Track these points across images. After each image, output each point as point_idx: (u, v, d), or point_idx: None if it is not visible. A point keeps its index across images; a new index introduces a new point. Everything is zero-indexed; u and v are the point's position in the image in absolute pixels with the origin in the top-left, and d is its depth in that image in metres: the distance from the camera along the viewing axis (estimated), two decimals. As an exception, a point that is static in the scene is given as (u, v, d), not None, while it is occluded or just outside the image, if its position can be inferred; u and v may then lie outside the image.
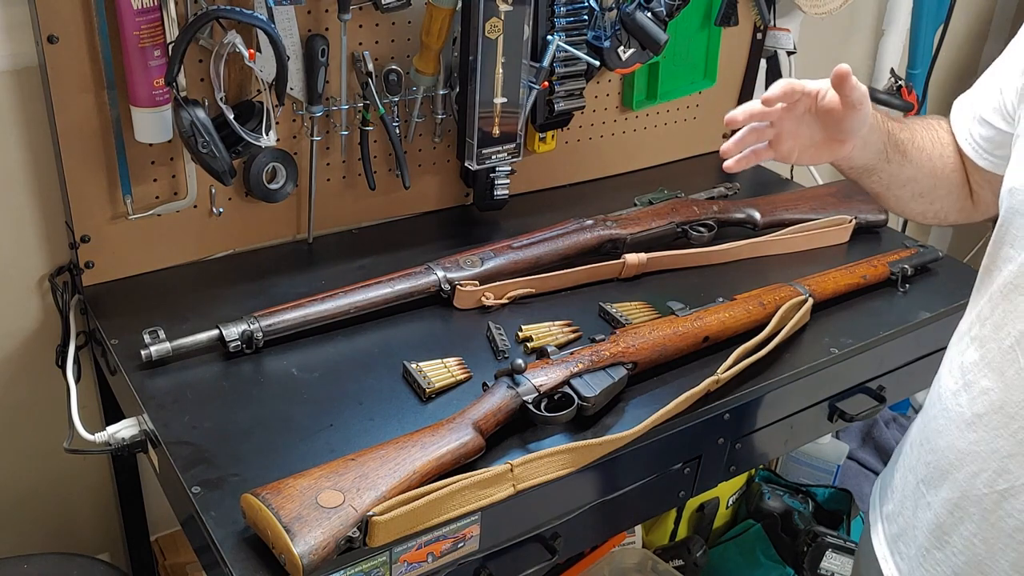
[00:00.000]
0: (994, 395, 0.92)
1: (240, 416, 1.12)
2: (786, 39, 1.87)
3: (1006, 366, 0.90)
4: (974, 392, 0.94)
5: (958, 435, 0.96)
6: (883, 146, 1.07)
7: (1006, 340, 0.90)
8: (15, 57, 1.24)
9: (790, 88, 1.02)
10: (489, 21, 1.37)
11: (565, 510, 1.12)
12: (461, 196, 1.63)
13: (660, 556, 1.81)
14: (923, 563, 1.01)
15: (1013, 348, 0.89)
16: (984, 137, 1.02)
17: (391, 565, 0.96)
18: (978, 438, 0.93)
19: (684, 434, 1.18)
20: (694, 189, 1.67)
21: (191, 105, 1.22)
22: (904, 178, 1.10)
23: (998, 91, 0.99)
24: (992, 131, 1.00)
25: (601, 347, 1.18)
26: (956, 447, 0.96)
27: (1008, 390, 0.90)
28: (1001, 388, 0.91)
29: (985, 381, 0.93)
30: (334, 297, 1.27)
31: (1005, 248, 0.92)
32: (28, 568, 1.35)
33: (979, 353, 0.94)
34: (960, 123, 1.06)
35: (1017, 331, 0.89)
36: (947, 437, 0.98)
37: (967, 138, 1.05)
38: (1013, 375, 0.90)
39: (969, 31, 2.41)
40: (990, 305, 0.94)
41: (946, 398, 0.99)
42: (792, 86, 1.02)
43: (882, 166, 1.08)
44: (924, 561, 1.01)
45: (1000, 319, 0.91)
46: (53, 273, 1.37)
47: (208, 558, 0.98)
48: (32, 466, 1.49)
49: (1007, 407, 0.90)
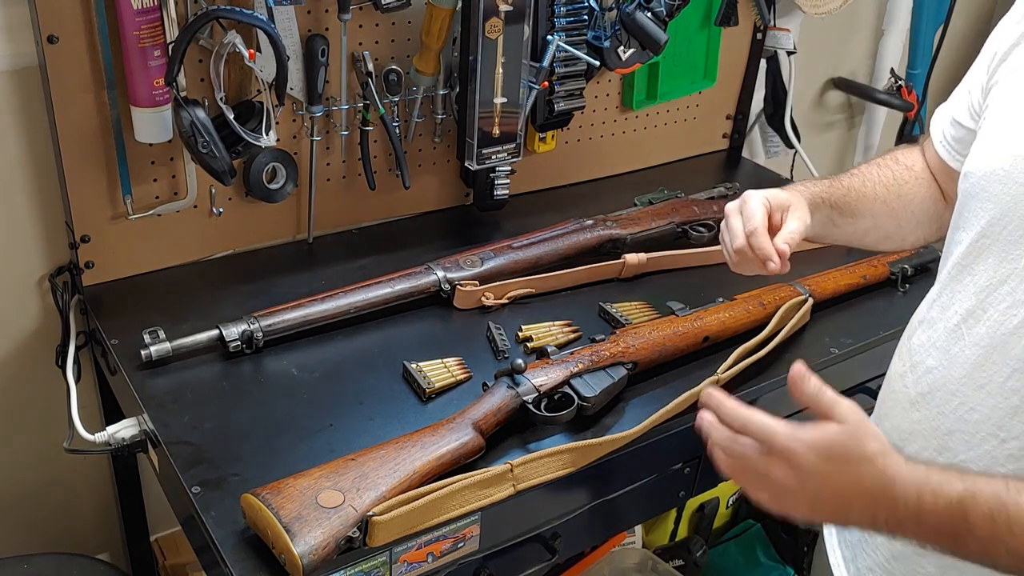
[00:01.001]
0: (937, 373, 0.92)
1: (240, 416, 1.12)
2: (786, 39, 1.87)
3: (951, 343, 0.91)
4: (919, 372, 0.95)
5: (903, 415, 0.97)
6: (823, 218, 1.09)
7: (952, 319, 0.91)
8: (15, 57, 1.24)
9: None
10: (489, 21, 1.37)
11: (565, 510, 1.12)
12: (461, 196, 1.63)
13: (660, 556, 1.81)
14: (865, 547, 1.02)
15: (959, 326, 0.90)
16: (955, 138, 1.04)
17: (391, 565, 0.96)
18: (921, 416, 0.94)
19: (684, 434, 1.18)
20: (694, 189, 1.67)
21: (191, 105, 1.22)
22: (861, 230, 1.11)
23: (967, 92, 1.02)
24: (963, 131, 1.02)
25: (601, 347, 1.18)
26: (901, 428, 0.96)
27: (951, 366, 0.91)
28: (944, 365, 0.92)
29: (930, 360, 0.94)
30: (334, 297, 1.27)
31: (959, 232, 0.94)
32: (28, 568, 1.35)
33: (927, 335, 0.95)
34: (936, 128, 1.08)
35: (964, 309, 0.90)
36: (892, 419, 0.98)
37: (941, 140, 1.07)
38: (957, 352, 0.90)
39: (969, 31, 2.41)
40: (939, 287, 0.96)
41: (893, 380, 1.00)
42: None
43: (829, 232, 1.10)
44: (866, 545, 1.02)
45: (948, 299, 0.93)
46: (53, 273, 1.37)
47: (208, 558, 0.98)
48: (32, 466, 1.49)
49: (949, 384, 0.91)
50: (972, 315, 0.89)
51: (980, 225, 0.89)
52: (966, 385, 0.89)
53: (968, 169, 0.93)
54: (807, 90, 2.15)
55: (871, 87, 2.19)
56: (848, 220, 1.10)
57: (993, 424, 0.87)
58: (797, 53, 1.90)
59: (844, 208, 1.09)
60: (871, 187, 1.10)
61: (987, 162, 0.90)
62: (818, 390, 0.84)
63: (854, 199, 1.10)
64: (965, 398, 0.89)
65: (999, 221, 0.87)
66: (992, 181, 0.88)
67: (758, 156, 2.08)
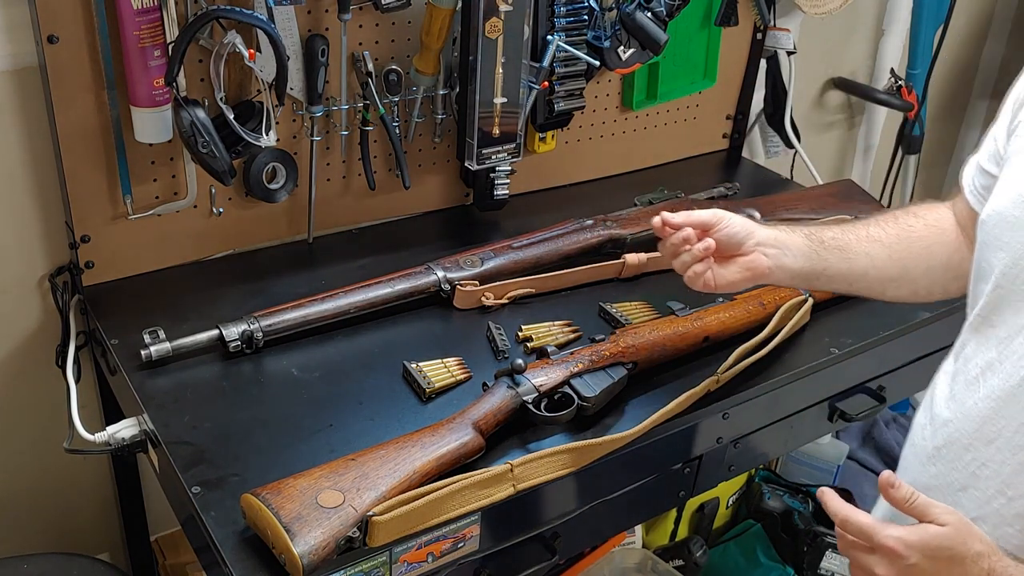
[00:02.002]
0: (952, 426, 0.91)
1: (240, 416, 1.12)
2: (786, 39, 1.87)
3: (967, 395, 0.90)
4: (936, 424, 0.94)
5: (920, 470, 0.95)
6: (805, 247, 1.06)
7: (973, 371, 0.90)
8: (15, 57, 1.24)
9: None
10: (489, 21, 1.37)
11: (565, 510, 1.12)
12: (461, 196, 1.63)
13: (660, 556, 1.81)
14: None
15: (977, 379, 0.89)
16: (983, 186, 1.01)
17: (391, 565, 0.96)
18: (937, 472, 0.92)
19: (684, 434, 1.18)
20: (694, 189, 1.67)
21: (191, 105, 1.22)
22: (859, 270, 1.07)
23: (993, 139, 1.00)
24: (989, 179, 0.99)
25: (601, 347, 1.18)
26: (918, 482, 0.93)
27: (965, 419, 0.89)
28: (959, 418, 0.90)
29: (947, 412, 0.92)
30: (334, 297, 1.27)
31: (979, 283, 0.92)
32: (28, 568, 1.35)
33: (948, 386, 0.94)
34: (967, 177, 1.05)
35: (984, 361, 0.89)
36: (911, 472, 0.97)
37: (971, 188, 1.03)
38: (971, 404, 0.89)
39: (969, 31, 2.41)
40: (962, 339, 0.94)
41: (915, 432, 0.98)
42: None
43: (819, 265, 1.06)
44: None
45: (971, 351, 0.91)
46: (53, 273, 1.37)
47: (208, 558, 0.98)
48: (32, 466, 1.49)
49: (962, 438, 0.89)
50: (991, 367, 0.88)
51: (995, 274, 0.87)
52: (978, 439, 0.88)
53: (984, 216, 0.91)
54: (807, 90, 2.15)
55: (871, 87, 2.19)
56: (837, 254, 1.06)
57: (1001, 481, 0.86)
58: (797, 53, 1.90)
59: (829, 243, 1.06)
60: (868, 231, 1.08)
61: (1000, 208, 0.88)
62: (911, 494, 0.84)
63: (841, 234, 1.07)
64: (977, 453, 0.88)
65: (1011, 269, 0.85)
66: (1004, 228, 0.86)
67: (758, 156, 2.08)
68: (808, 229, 1.08)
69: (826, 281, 1.08)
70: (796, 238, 1.06)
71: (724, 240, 1.04)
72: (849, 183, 1.73)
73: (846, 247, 1.07)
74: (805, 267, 1.06)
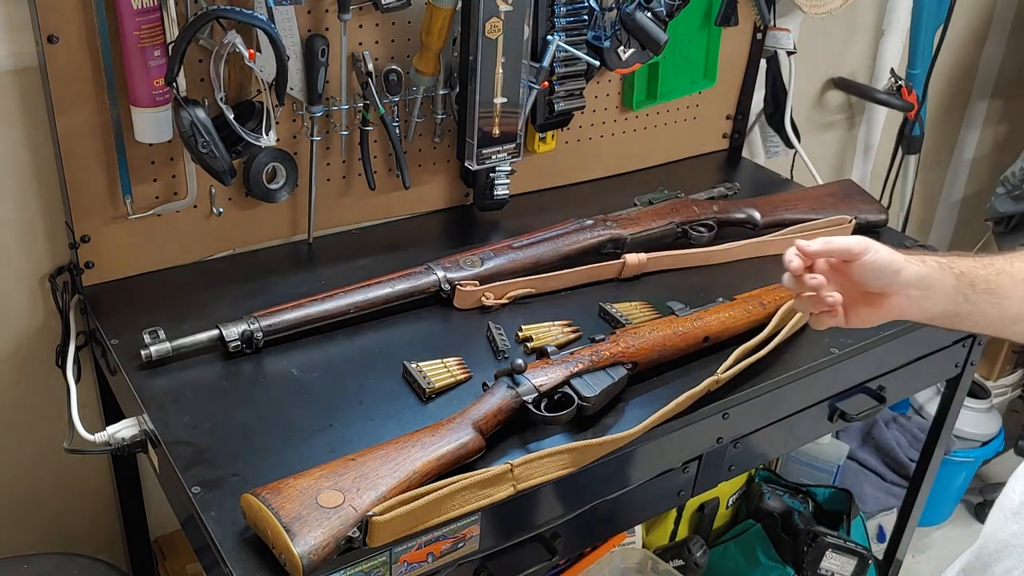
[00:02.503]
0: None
1: (240, 416, 1.12)
2: (786, 39, 1.87)
3: None
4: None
5: (1001, 524, 0.88)
6: (952, 290, 0.95)
7: None
8: (15, 57, 1.24)
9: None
10: (489, 21, 1.37)
11: (565, 510, 1.12)
12: (461, 196, 1.63)
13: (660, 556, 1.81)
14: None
15: None
16: None
17: (391, 565, 0.96)
18: (1019, 530, 0.85)
19: (684, 434, 1.18)
20: (694, 189, 1.67)
21: (191, 105, 1.22)
22: (1011, 315, 0.96)
23: None
24: None
25: (601, 347, 1.18)
26: (997, 536, 0.87)
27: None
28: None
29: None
30: (334, 297, 1.27)
31: None
32: (28, 568, 1.35)
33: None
34: None
35: None
36: (992, 524, 0.89)
37: None
38: None
39: (969, 31, 2.41)
40: None
41: (1010, 484, 0.90)
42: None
43: (965, 308, 0.96)
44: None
45: None
46: (53, 273, 1.37)
47: (208, 558, 0.98)
48: (32, 466, 1.49)
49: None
50: None
51: None
52: None
53: None
54: (807, 90, 2.15)
55: (871, 87, 2.18)
56: (987, 298, 0.95)
57: None
58: (797, 53, 1.90)
59: (979, 283, 0.95)
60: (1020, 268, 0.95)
61: None
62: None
63: (994, 274, 0.95)
64: None
65: None
66: None
67: (758, 156, 2.08)
68: (961, 265, 0.96)
69: (970, 325, 0.98)
70: (945, 278, 0.95)
71: (867, 273, 0.94)
72: (849, 183, 1.73)
73: (998, 290, 0.95)
74: (948, 311, 0.96)
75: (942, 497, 2.35)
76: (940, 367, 1.53)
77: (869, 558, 1.88)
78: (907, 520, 1.82)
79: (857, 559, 1.87)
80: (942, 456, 1.74)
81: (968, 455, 2.33)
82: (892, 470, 2.32)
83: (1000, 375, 2.56)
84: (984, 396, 2.37)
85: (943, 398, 1.67)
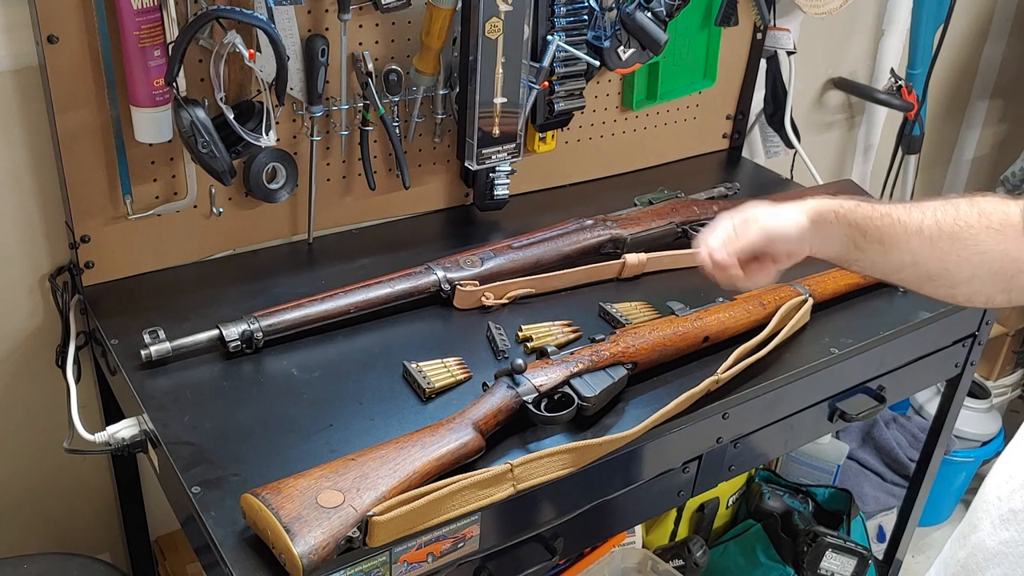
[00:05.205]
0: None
1: (240, 416, 1.12)
2: (786, 39, 1.87)
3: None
4: (1014, 484, 0.86)
5: (990, 532, 0.87)
6: (845, 238, 1.01)
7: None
8: (15, 57, 1.24)
9: None
10: (489, 21, 1.37)
11: (565, 510, 1.12)
12: (461, 196, 1.63)
13: (660, 556, 1.81)
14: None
15: None
16: None
17: (391, 565, 0.96)
18: (1009, 538, 0.85)
19: (684, 434, 1.18)
20: (694, 189, 1.67)
21: (191, 105, 1.22)
22: (895, 264, 1.00)
23: None
24: None
25: (601, 347, 1.18)
26: (986, 545, 0.87)
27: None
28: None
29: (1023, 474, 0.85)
30: (334, 297, 1.27)
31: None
32: (28, 568, 1.35)
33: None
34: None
35: None
36: (979, 534, 0.88)
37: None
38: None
39: (969, 31, 2.41)
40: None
41: (987, 490, 0.90)
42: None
43: (854, 255, 1.02)
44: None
45: None
46: (53, 273, 1.37)
47: (208, 558, 0.98)
48: (32, 466, 1.49)
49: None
50: None
51: None
52: None
53: None
54: (807, 90, 2.15)
55: (871, 87, 2.18)
56: (876, 247, 0.99)
57: None
58: (797, 53, 1.90)
59: (872, 233, 0.99)
60: (918, 219, 0.97)
61: None
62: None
63: (888, 225, 0.98)
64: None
65: None
66: None
67: (758, 156, 2.08)
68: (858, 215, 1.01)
69: (857, 269, 1.06)
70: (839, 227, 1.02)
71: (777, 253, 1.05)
72: (849, 183, 1.73)
73: (890, 240, 0.99)
74: (839, 254, 1.04)
75: (942, 497, 2.35)
76: (940, 367, 1.53)
77: (869, 558, 1.88)
78: (907, 520, 1.82)
79: (857, 559, 1.87)
80: (942, 456, 1.74)
81: (968, 455, 2.33)
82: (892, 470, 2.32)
83: (1000, 375, 2.56)
84: (984, 396, 2.37)
85: (943, 398, 1.67)
